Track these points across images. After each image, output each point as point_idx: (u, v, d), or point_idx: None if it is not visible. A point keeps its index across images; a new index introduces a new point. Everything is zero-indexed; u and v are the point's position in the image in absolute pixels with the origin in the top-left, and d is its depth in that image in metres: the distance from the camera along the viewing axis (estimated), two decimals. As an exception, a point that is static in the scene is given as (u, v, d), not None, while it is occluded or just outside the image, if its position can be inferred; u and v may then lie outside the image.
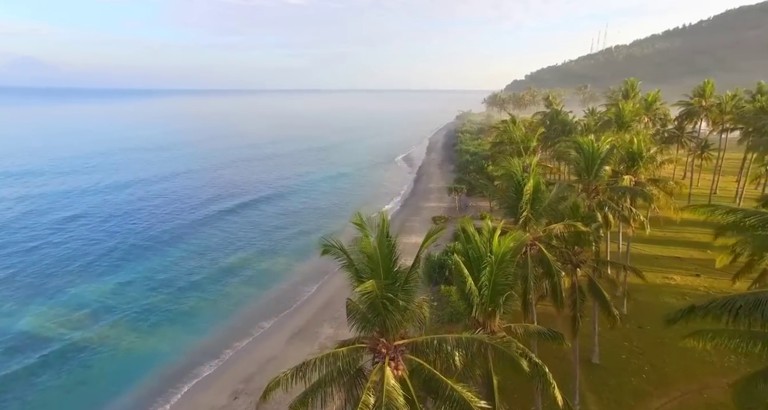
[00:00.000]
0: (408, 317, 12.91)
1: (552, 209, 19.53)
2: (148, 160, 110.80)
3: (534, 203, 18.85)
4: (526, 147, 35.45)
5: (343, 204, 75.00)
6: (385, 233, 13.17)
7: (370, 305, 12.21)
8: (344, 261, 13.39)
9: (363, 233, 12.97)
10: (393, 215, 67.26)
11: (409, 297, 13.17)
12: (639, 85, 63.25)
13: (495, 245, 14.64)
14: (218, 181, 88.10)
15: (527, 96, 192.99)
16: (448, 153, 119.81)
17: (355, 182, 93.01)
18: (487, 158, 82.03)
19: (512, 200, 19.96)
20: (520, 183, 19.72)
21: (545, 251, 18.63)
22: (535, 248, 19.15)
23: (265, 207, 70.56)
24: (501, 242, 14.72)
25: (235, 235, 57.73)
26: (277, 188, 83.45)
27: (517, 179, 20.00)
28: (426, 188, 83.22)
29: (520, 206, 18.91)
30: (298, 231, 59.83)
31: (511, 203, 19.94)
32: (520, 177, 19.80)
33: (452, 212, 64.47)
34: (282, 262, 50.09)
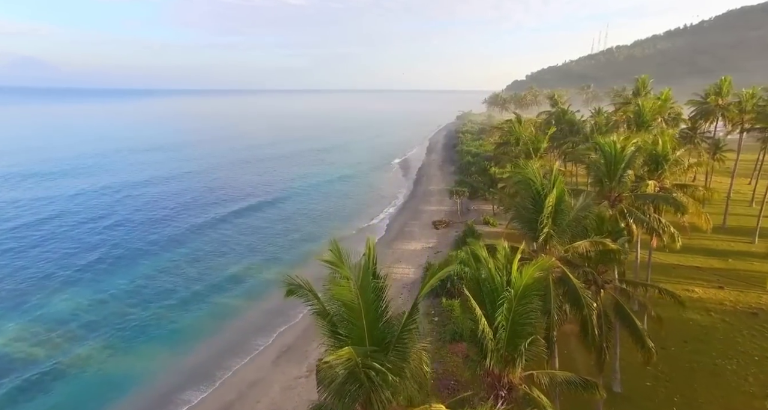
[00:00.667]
0: (403, 387, 9.54)
1: (577, 223, 16.27)
2: (143, 161, 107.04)
3: (557, 216, 15.62)
4: (536, 148, 32.33)
5: (341, 209, 71.97)
6: (370, 271, 9.93)
7: (349, 374, 8.94)
8: (315, 307, 10.13)
9: (339, 271, 9.73)
10: (391, 219, 64.19)
11: (403, 359, 9.85)
12: (651, 82, 60.04)
13: (515, 276, 11.46)
14: (212, 184, 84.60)
15: (529, 96, 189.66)
16: (449, 154, 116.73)
17: (354, 185, 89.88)
18: (490, 159, 79.01)
19: (529, 213, 16.66)
20: (539, 193, 16.35)
21: (570, 276, 15.46)
22: (558, 271, 15.98)
23: (258, 213, 66.60)
24: (522, 271, 11.52)
25: (227, 243, 54.55)
26: (273, 192, 79.67)
27: (536, 189, 16.60)
28: (426, 190, 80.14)
29: (540, 220, 15.66)
30: (294, 238, 56.54)
31: (528, 216, 16.64)
32: (540, 186, 16.41)
33: (454, 216, 61.42)
34: (275, 271, 46.84)
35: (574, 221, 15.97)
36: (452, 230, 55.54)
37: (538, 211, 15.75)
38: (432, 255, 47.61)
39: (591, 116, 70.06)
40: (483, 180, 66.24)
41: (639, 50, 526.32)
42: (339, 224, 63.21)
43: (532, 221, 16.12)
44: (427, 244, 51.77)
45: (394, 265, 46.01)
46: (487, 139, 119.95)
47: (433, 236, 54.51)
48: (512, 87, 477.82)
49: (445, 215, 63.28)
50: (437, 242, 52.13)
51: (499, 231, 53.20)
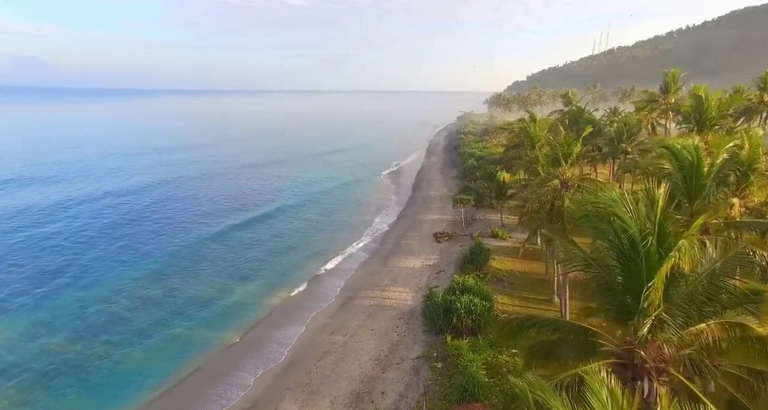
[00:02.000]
0: None
1: (709, 292, 9.02)
2: (134, 166, 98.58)
3: (670, 287, 8.65)
4: (566, 153, 25.72)
5: (334, 220, 65.26)
6: None
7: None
8: None
9: None
10: (387, 230, 57.53)
11: None
12: (683, 76, 53.15)
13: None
14: (194, 193, 75.84)
15: (533, 95, 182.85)
16: (450, 156, 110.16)
17: (349, 189, 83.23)
18: (496, 162, 72.50)
19: (611, 276, 9.33)
20: (634, 244, 8.95)
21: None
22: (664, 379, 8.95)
23: (241, 233, 55.77)
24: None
25: (198, 263, 47.34)
26: (262, 204, 70.73)
27: (629, 236, 9.01)
28: (426, 196, 73.50)
29: (644, 294, 8.52)
30: (281, 258, 49.56)
31: (610, 284, 9.39)
32: (637, 229, 8.84)
33: (457, 227, 54.79)
34: (251, 297, 40.17)
35: (701, 289, 8.88)
36: (456, 244, 48.92)
37: (633, 277, 8.63)
38: (433, 276, 40.96)
39: (606, 116, 63.71)
40: (490, 187, 59.62)
41: (641, 51, 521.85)
42: (335, 235, 56.64)
43: (619, 293, 9.01)
44: (427, 261, 45.12)
45: (390, 288, 39.38)
46: (491, 140, 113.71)
47: (434, 250, 47.86)
48: (513, 88, 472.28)
49: (447, 225, 56.66)
50: (439, 258, 45.48)
51: (508, 246, 46.75)
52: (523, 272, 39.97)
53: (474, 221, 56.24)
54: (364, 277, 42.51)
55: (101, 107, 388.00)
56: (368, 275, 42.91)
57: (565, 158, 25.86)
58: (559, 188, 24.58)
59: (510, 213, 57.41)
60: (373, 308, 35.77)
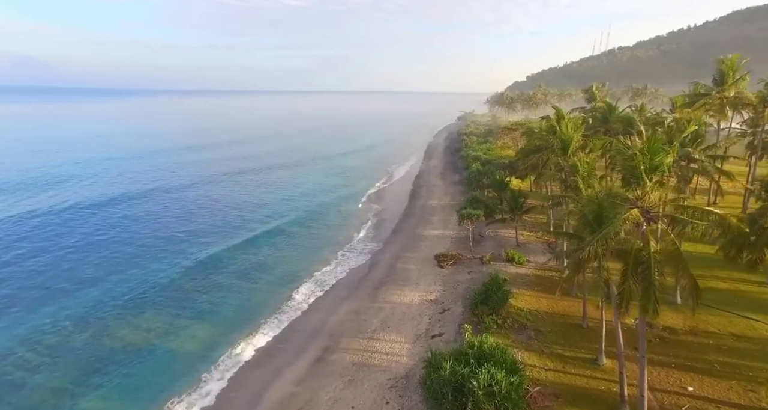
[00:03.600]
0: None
1: None
2: (113, 172, 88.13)
3: None
4: (651, 167, 16.54)
5: (318, 237, 56.41)
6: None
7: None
8: None
9: None
10: (379, 250, 48.48)
11: None
12: (743, 63, 43.70)
13: None
14: (163, 211, 63.12)
15: (539, 94, 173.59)
16: (452, 159, 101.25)
17: (339, 198, 74.33)
18: (505, 167, 63.66)
19: None
20: None
21: None
22: None
23: (206, 256, 46.13)
24: None
25: (149, 301, 38.17)
26: (246, 220, 60.84)
27: None
28: (425, 206, 64.48)
29: None
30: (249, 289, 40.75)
31: None
32: None
33: (463, 245, 45.83)
34: (197, 347, 31.21)
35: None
36: (462, 270, 39.91)
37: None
38: (435, 317, 31.94)
39: (632, 112, 54.98)
40: (500, 197, 50.72)
41: (642, 51, 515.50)
42: (323, 251, 47.63)
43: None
44: (427, 293, 36.08)
45: (379, 335, 30.35)
46: (495, 142, 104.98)
47: (436, 279, 38.81)
48: (513, 88, 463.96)
49: (451, 243, 47.66)
50: (442, 290, 36.46)
51: (528, 274, 37.84)
52: (551, 312, 30.98)
53: (483, 239, 47.26)
54: (348, 317, 33.46)
55: (98, 106, 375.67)
56: (353, 314, 33.85)
57: (651, 172, 16.75)
58: (640, 221, 15.63)
59: (526, 228, 48.55)
60: (357, 368, 26.72)
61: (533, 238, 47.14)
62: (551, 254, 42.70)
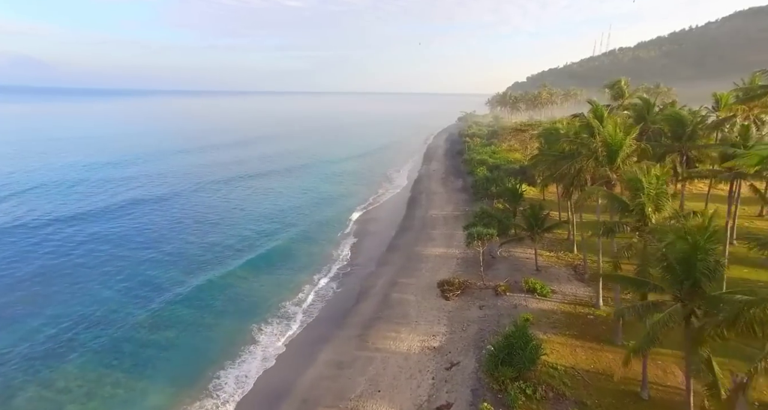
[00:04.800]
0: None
1: None
2: (93, 179, 79.26)
3: None
4: None
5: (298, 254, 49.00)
6: None
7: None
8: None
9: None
10: (370, 273, 40.87)
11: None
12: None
13: None
14: (131, 231, 52.85)
15: (544, 94, 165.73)
16: (453, 162, 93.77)
17: (329, 208, 66.95)
18: (517, 173, 56.32)
19: None
20: None
21: None
22: None
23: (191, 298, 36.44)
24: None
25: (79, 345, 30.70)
26: (223, 238, 51.46)
27: None
28: (426, 217, 56.89)
29: None
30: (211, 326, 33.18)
31: None
32: None
33: (471, 269, 38.26)
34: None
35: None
36: (472, 303, 32.34)
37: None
38: (441, 376, 24.31)
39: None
40: (512, 208, 43.26)
41: (644, 52, 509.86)
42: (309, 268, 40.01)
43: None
44: (429, 338, 28.48)
45: (366, 404, 22.72)
46: (500, 144, 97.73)
47: (440, 315, 31.21)
48: (513, 88, 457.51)
49: (457, 265, 40.06)
50: (449, 333, 28.85)
51: (555, 310, 30.36)
52: (594, 371, 23.47)
53: (494, 261, 39.66)
54: (327, 372, 25.87)
55: (94, 106, 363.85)
56: (334, 367, 26.26)
57: None
58: None
59: (544, 246, 41.03)
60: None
61: (554, 259, 39.67)
62: (580, 282, 35.55)
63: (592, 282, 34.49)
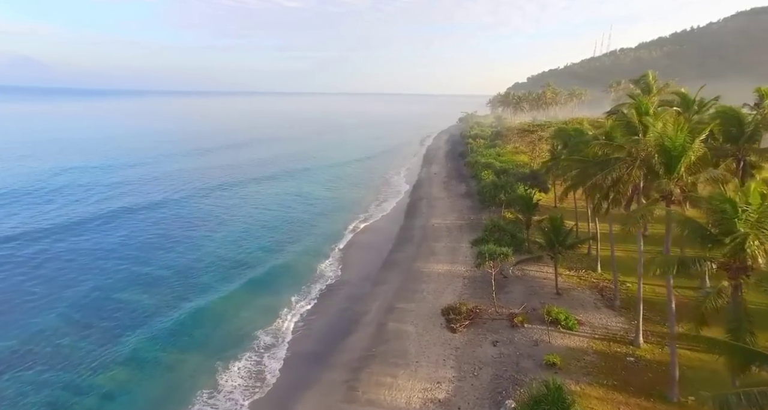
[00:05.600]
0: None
1: None
2: (76, 185, 72.69)
3: None
4: None
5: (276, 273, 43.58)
6: None
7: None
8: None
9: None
10: (364, 295, 35.39)
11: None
12: None
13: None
14: (97, 251, 45.53)
15: (549, 93, 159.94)
16: (455, 165, 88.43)
17: (323, 210, 61.63)
18: (528, 179, 51.10)
19: None
20: None
21: None
22: None
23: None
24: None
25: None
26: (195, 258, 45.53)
27: None
28: (427, 226, 51.45)
29: None
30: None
31: None
32: None
33: (481, 291, 32.89)
34: None
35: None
36: (484, 338, 26.93)
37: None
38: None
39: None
40: (529, 221, 37.94)
41: (645, 52, 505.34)
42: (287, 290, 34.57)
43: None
44: (433, 386, 23.04)
45: None
46: (504, 146, 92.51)
47: (446, 354, 25.78)
48: (514, 89, 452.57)
49: (464, 286, 34.64)
50: (456, 381, 23.38)
51: (585, 347, 25.03)
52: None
53: (506, 281, 34.25)
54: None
55: (91, 107, 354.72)
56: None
57: None
58: None
59: (566, 264, 35.63)
60: None
61: (575, 280, 34.33)
62: (609, 310, 30.15)
63: (624, 310, 29.23)
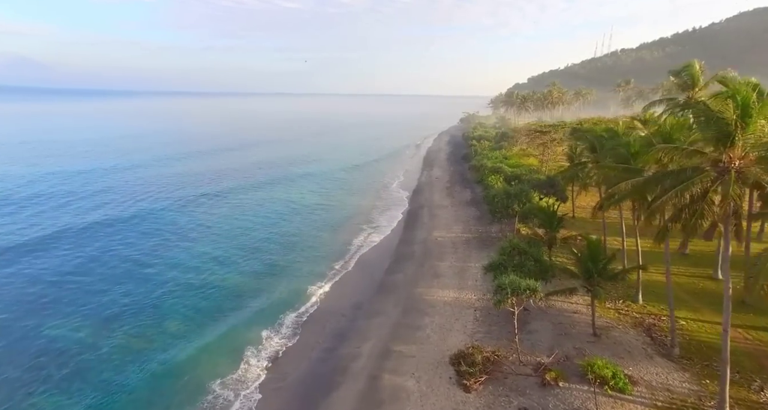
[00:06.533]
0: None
1: None
2: (64, 192, 65.80)
3: None
4: None
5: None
6: None
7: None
8: None
9: None
10: (351, 329, 28.98)
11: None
12: None
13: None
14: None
15: (555, 93, 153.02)
16: (458, 169, 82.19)
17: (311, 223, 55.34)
18: (544, 186, 44.92)
19: None
20: None
21: None
22: None
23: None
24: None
25: None
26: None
27: None
28: (428, 240, 45.10)
29: None
30: None
31: None
32: None
33: (498, 329, 26.63)
34: None
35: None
36: (507, 402, 20.59)
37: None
38: None
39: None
40: (548, 239, 31.76)
41: (647, 53, 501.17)
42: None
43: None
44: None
45: None
46: (510, 148, 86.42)
47: (457, 426, 19.40)
48: (514, 90, 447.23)
49: (476, 322, 28.30)
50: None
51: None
52: None
53: (528, 314, 27.91)
54: None
55: (88, 107, 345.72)
56: None
57: None
58: None
59: (615, 304, 29.16)
60: None
61: (613, 313, 28.04)
62: (667, 360, 23.77)
63: (687, 362, 22.86)
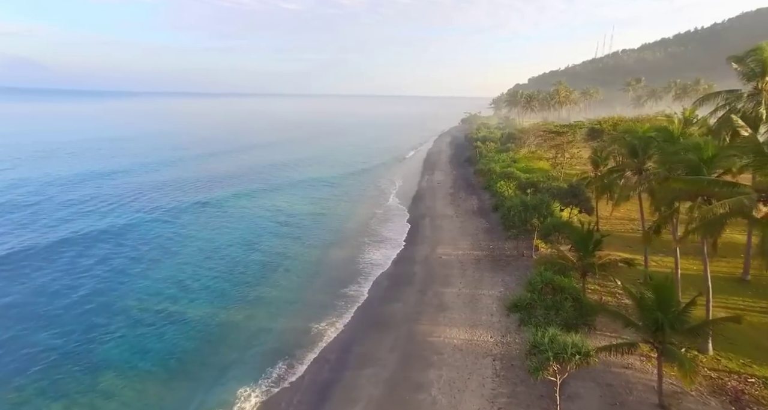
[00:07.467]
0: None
1: None
2: (22, 204, 57.34)
3: None
4: None
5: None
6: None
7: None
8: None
9: None
10: (342, 383, 22.41)
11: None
12: None
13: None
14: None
15: (562, 91, 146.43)
16: (462, 173, 75.71)
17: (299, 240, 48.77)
18: (566, 195, 38.45)
19: None
20: None
21: None
22: None
23: None
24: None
25: None
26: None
27: None
28: (431, 260, 38.53)
29: None
30: None
31: None
32: None
33: (527, 393, 20.09)
34: None
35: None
36: None
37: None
38: None
39: None
40: (590, 266, 25.30)
41: (649, 53, 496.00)
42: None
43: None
44: None
45: None
46: (518, 150, 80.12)
47: None
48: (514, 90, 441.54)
49: (497, 379, 21.77)
50: None
51: None
52: None
53: (566, 372, 21.33)
54: None
55: (85, 107, 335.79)
56: None
57: None
58: None
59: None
60: None
61: (676, 370, 21.41)
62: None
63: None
